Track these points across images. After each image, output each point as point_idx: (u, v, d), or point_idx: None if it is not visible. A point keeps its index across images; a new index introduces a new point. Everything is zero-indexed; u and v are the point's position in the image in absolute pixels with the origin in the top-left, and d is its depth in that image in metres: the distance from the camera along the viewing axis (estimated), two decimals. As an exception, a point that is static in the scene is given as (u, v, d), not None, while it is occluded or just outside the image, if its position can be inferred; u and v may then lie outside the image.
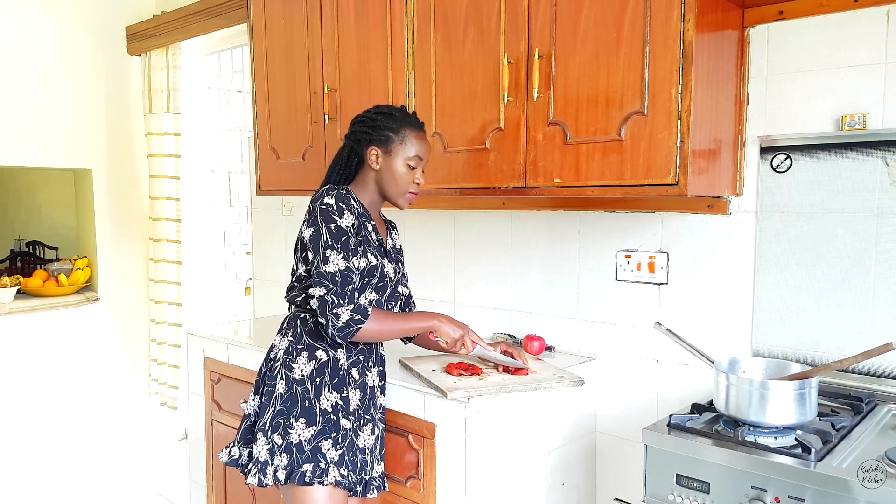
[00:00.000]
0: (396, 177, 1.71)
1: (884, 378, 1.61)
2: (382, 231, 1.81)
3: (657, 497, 1.47)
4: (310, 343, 1.69)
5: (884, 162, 1.58)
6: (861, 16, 1.60)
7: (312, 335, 1.70)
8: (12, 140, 3.15)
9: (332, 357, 1.69)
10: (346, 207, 1.63)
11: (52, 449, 3.33)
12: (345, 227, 1.61)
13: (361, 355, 1.72)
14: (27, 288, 3.39)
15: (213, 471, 2.52)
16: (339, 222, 1.61)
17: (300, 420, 1.64)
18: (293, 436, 1.63)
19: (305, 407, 1.65)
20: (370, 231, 1.70)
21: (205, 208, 3.70)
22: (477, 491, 1.70)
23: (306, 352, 1.69)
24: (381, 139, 1.71)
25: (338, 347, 1.69)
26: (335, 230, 1.61)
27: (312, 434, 1.64)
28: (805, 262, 1.71)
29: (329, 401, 1.66)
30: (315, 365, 1.68)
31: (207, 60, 3.59)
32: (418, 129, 1.74)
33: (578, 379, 1.82)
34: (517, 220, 2.27)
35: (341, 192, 1.65)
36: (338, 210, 1.62)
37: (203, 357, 2.51)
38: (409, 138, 1.71)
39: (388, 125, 1.71)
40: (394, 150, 1.71)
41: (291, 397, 1.66)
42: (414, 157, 1.71)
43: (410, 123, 1.73)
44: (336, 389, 1.67)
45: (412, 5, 2.02)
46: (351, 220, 1.63)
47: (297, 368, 1.68)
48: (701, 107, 1.55)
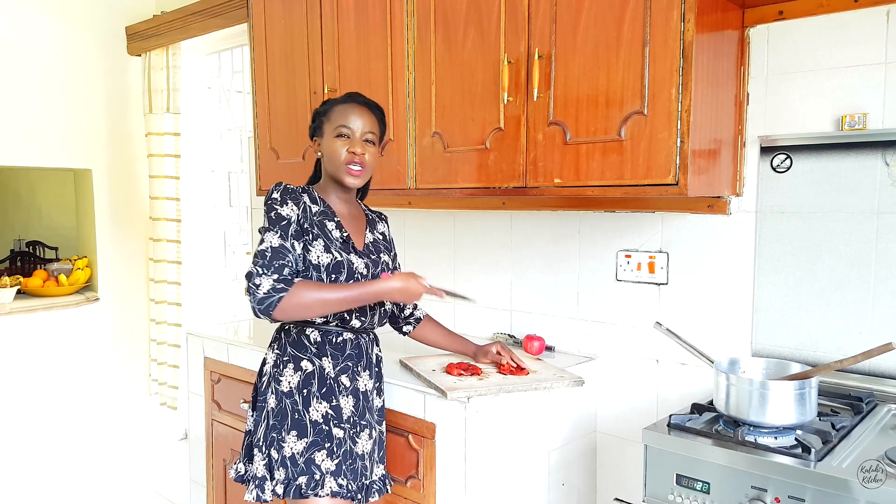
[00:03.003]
0: (330, 153, 1.69)
1: (884, 378, 1.61)
2: (356, 226, 1.77)
3: (657, 497, 1.47)
4: (294, 354, 1.68)
5: (884, 162, 1.58)
6: (861, 16, 1.60)
7: (296, 346, 1.68)
8: (12, 140, 3.15)
9: (317, 367, 1.67)
10: (291, 199, 1.64)
11: (52, 449, 3.33)
12: (285, 215, 1.62)
13: (350, 361, 1.70)
14: (27, 288, 3.39)
15: (213, 471, 2.52)
16: (279, 210, 1.63)
17: (291, 433, 1.63)
18: (286, 449, 1.62)
19: (295, 419, 1.64)
20: (331, 228, 1.68)
21: (205, 208, 3.70)
22: (477, 491, 1.70)
23: (292, 363, 1.67)
24: (317, 127, 1.74)
25: (322, 356, 1.67)
26: (275, 216, 1.62)
27: (304, 446, 1.62)
28: (805, 262, 1.71)
29: (319, 411, 1.65)
30: (301, 376, 1.66)
31: (207, 60, 3.59)
32: (345, 102, 1.72)
33: (578, 379, 1.82)
34: (517, 220, 2.27)
35: (288, 188, 1.67)
36: (281, 201, 1.64)
37: (203, 357, 2.51)
38: (334, 113, 1.70)
39: (319, 112, 1.75)
40: (325, 130, 1.71)
41: (282, 410, 1.65)
42: (339, 126, 1.68)
43: (338, 101, 1.73)
44: (325, 399, 1.65)
45: (412, 5, 2.02)
46: (294, 210, 1.63)
47: (285, 381, 1.66)
48: (701, 107, 1.55)
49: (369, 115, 1.72)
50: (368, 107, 1.73)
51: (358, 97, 1.74)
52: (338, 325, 1.69)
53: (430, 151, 2.02)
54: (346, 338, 1.71)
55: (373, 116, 1.72)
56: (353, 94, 1.76)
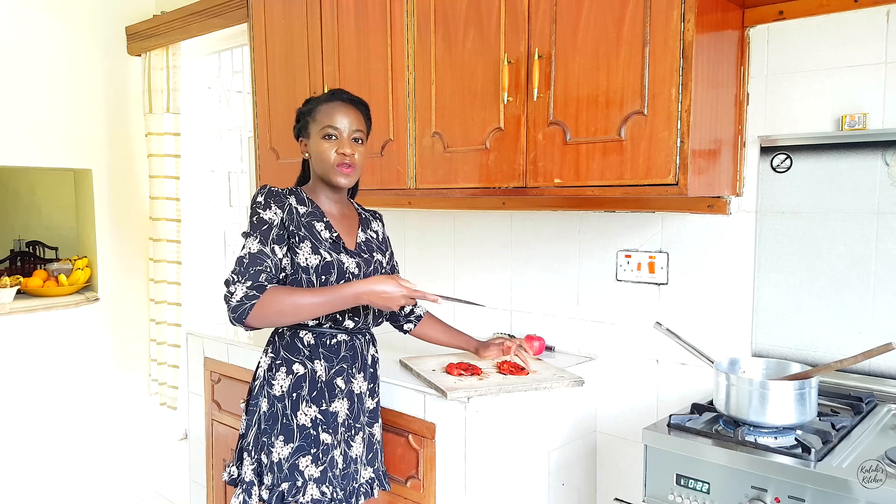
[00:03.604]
0: (319, 154, 1.65)
1: (884, 378, 1.61)
2: (347, 226, 1.74)
3: (657, 497, 1.47)
4: (287, 357, 1.65)
5: (884, 162, 1.58)
6: (861, 16, 1.60)
7: (289, 349, 1.66)
8: (12, 140, 3.15)
9: (309, 370, 1.64)
10: (274, 202, 1.62)
11: (52, 449, 3.32)
12: (267, 219, 1.60)
13: (344, 363, 1.68)
14: (27, 288, 3.39)
15: (213, 471, 2.52)
16: (261, 214, 1.61)
17: (279, 437, 1.61)
18: (274, 454, 1.60)
19: (284, 424, 1.62)
20: (320, 229, 1.65)
21: (205, 208, 3.70)
22: (477, 491, 1.70)
23: (284, 367, 1.65)
24: (303, 128, 1.71)
25: (315, 359, 1.65)
26: (256, 221, 1.61)
27: (290, 451, 1.60)
28: (805, 262, 1.71)
29: (307, 415, 1.62)
30: (293, 379, 1.64)
31: (207, 60, 3.59)
32: (330, 101, 1.67)
33: (578, 379, 1.82)
34: (517, 220, 2.27)
35: (273, 191, 1.64)
36: (264, 204, 1.61)
37: (203, 357, 2.51)
38: (319, 112, 1.67)
39: (303, 112, 1.71)
40: (311, 131, 1.68)
41: (273, 415, 1.63)
42: (326, 126, 1.64)
43: (322, 100, 1.69)
44: (315, 403, 1.63)
45: (412, 5, 2.02)
46: (277, 213, 1.61)
47: (277, 385, 1.64)
48: (701, 107, 1.55)
49: (355, 113, 1.68)
50: (353, 104, 1.69)
51: (342, 94, 1.70)
52: (331, 326, 1.67)
53: (430, 151, 2.02)
54: (341, 339, 1.68)
55: (359, 113, 1.69)
56: (337, 91, 1.72)
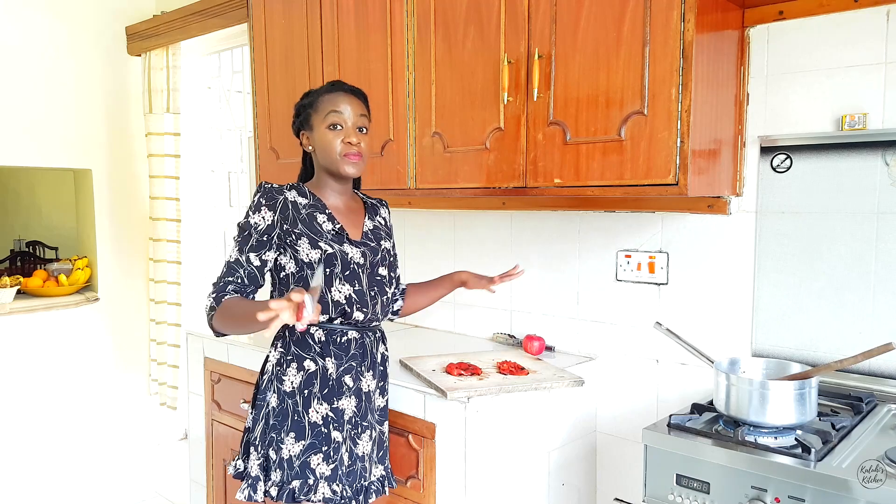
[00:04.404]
0: (324, 145, 1.65)
1: (884, 378, 1.61)
2: (352, 218, 1.73)
3: (657, 497, 1.47)
4: (298, 353, 1.65)
5: (884, 162, 1.58)
6: (861, 16, 1.60)
7: (300, 345, 1.65)
8: (12, 140, 3.15)
9: (321, 367, 1.64)
10: (266, 203, 1.62)
11: (52, 449, 3.32)
12: (251, 223, 1.61)
13: (354, 361, 1.67)
14: (27, 288, 3.38)
15: (213, 471, 2.52)
16: (248, 218, 1.62)
17: (290, 434, 1.60)
18: (284, 451, 1.60)
19: (295, 420, 1.61)
20: (321, 221, 1.65)
21: (205, 208, 3.70)
22: (477, 491, 1.70)
23: (295, 362, 1.64)
24: (304, 120, 1.70)
25: (326, 356, 1.64)
26: (241, 225, 1.63)
27: (301, 449, 1.60)
28: (805, 262, 1.71)
29: (319, 413, 1.62)
30: (304, 376, 1.63)
31: (207, 60, 3.59)
32: (331, 92, 1.67)
33: (578, 379, 1.82)
34: (517, 220, 2.27)
35: (269, 190, 1.64)
36: (256, 205, 1.62)
37: (203, 357, 2.51)
38: (322, 103, 1.66)
39: (304, 104, 1.70)
40: (314, 123, 1.67)
41: (283, 411, 1.62)
42: (330, 112, 1.63)
43: (323, 91, 1.68)
44: (326, 400, 1.63)
45: (412, 5, 2.02)
46: (267, 216, 1.61)
47: (288, 381, 1.64)
48: (701, 107, 1.55)
49: (357, 102, 1.68)
50: (354, 93, 1.69)
51: (342, 85, 1.69)
52: (341, 321, 1.66)
53: (430, 151, 2.02)
54: (351, 337, 1.67)
55: (360, 102, 1.69)
56: (336, 82, 1.71)
